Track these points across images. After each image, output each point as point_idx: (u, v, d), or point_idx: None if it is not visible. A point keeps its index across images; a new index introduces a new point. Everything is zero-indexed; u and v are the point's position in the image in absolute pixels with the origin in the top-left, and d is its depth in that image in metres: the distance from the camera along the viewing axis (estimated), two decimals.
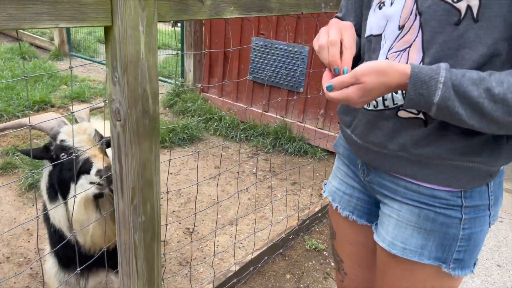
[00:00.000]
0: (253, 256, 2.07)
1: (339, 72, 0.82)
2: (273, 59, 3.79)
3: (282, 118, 3.83)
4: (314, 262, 2.30)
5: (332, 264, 2.29)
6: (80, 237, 1.40)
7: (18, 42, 6.38)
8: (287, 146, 3.63)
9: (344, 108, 1.04)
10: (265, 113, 3.94)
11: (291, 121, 3.77)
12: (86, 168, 1.30)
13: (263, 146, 3.70)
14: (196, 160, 3.36)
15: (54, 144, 1.39)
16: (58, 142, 1.36)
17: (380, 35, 0.89)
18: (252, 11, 1.32)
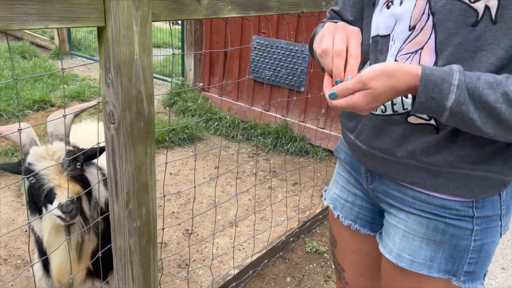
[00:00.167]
0: (252, 259, 2.04)
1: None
2: (274, 58, 3.76)
3: (283, 118, 3.80)
4: (315, 264, 2.27)
5: (332, 261, 2.27)
6: (53, 267, 1.40)
7: (18, 41, 6.36)
8: (288, 146, 3.59)
9: (347, 112, 0.99)
10: (265, 112, 3.91)
11: (292, 120, 3.74)
12: (50, 199, 1.27)
13: (264, 146, 3.67)
14: (196, 160, 3.33)
15: (24, 164, 1.33)
16: (27, 164, 1.31)
17: (388, 36, 0.84)
18: (250, 10, 1.29)
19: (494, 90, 0.66)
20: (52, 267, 1.39)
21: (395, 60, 0.82)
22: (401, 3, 0.81)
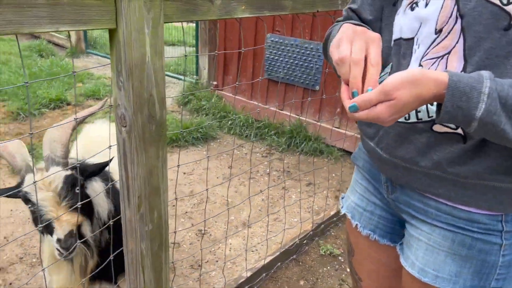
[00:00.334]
0: (265, 262, 2.02)
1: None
2: (288, 56, 3.72)
3: (298, 117, 3.76)
4: (329, 267, 2.24)
5: (348, 270, 2.23)
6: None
7: (36, 40, 6.45)
8: (302, 145, 3.56)
9: None
10: (279, 111, 3.88)
11: (306, 119, 3.70)
12: (49, 231, 1.25)
13: (278, 145, 3.64)
14: (209, 160, 3.32)
15: (20, 185, 1.30)
16: (23, 191, 1.27)
17: (412, 39, 0.80)
18: (264, 10, 1.27)
19: None
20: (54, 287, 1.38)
21: (420, 65, 0.78)
22: (426, 4, 0.76)
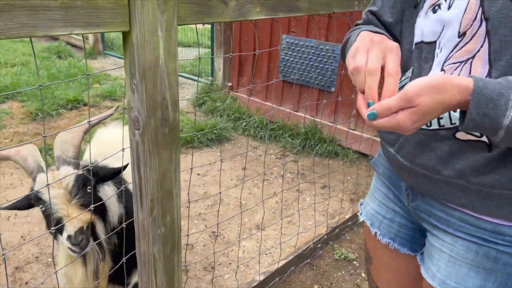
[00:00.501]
0: (279, 266, 2.00)
1: None
2: (303, 57, 3.69)
3: (312, 118, 3.72)
4: (343, 272, 2.20)
5: (363, 275, 2.19)
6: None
7: (55, 41, 6.56)
8: (317, 147, 3.52)
9: None
10: (294, 113, 3.85)
11: (321, 121, 3.66)
12: (60, 230, 1.24)
13: (292, 147, 3.61)
14: (224, 161, 3.32)
15: (33, 189, 1.31)
16: (35, 191, 1.28)
17: (434, 43, 0.77)
18: (279, 11, 1.25)
19: None
20: None
21: (442, 69, 0.75)
22: (449, 7, 0.73)
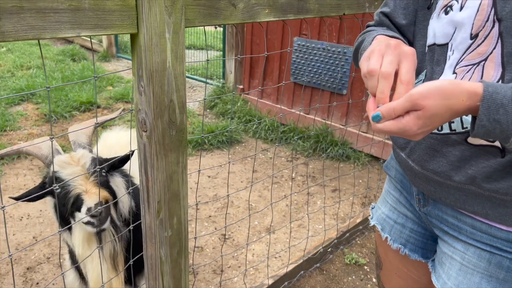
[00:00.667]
0: (288, 270, 1.98)
1: None
2: (315, 60, 3.67)
3: (324, 121, 3.70)
4: (354, 277, 2.17)
5: (374, 280, 2.15)
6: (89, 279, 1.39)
7: (69, 44, 6.66)
8: (328, 150, 3.49)
9: None
10: (305, 115, 3.83)
11: (332, 123, 3.63)
12: (78, 206, 1.24)
13: (303, 149, 3.59)
14: (234, 163, 3.31)
15: (48, 174, 1.32)
16: (51, 173, 1.29)
17: (446, 45, 0.75)
18: (288, 13, 1.24)
19: None
20: (89, 280, 1.37)
21: (454, 72, 0.73)
22: (461, 8, 0.71)
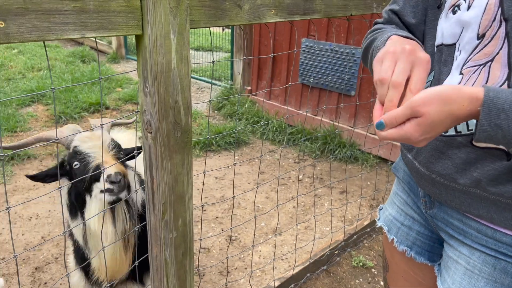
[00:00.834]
0: (294, 272, 1.97)
1: None
2: (323, 61, 3.65)
3: (332, 123, 3.68)
4: (361, 280, 2.15)
5: (381, 283, 2.13)
6: (95, 261, 1.38)
7: (79, 46, 6.72)
8: (336, 152, 3.47)
9: None
10: (313, 116, 3.81)
11: (339, 124, 3.61)
12: (97, 176, 1.26)
13: (311, 151, 3.57)
14: (241, 165, 3.31)
15: (67, 154, 1.36)
16: (71, 150, 1.34)
17: (453, 45, 0.74)
18: (294, 14, 1.23)
19: None
20: (106, 258, 1.35)
21: (460, 73, 0.72)
22: (468, 8, 0.70)
